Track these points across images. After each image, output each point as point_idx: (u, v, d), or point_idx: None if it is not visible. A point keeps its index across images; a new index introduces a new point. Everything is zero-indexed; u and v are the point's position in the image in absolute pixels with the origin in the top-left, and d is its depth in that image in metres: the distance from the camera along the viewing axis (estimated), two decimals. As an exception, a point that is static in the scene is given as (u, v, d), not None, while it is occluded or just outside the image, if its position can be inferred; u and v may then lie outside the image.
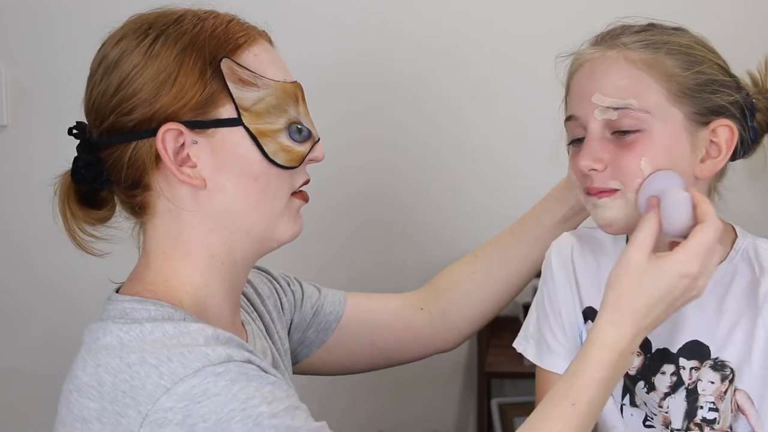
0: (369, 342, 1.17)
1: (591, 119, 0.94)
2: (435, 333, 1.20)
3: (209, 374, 0.77)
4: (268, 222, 0.90)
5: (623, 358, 0.86)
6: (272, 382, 0.80)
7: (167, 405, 0.75)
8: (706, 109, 0.93)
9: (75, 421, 0.80)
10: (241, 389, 0.77)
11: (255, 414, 0.76)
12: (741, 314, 0.97)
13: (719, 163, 0.95)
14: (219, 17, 0.90)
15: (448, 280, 1.21)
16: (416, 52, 1.79)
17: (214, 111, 0.86)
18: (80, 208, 0.91)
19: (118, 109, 0.86)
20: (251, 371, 0.80)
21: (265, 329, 1.04)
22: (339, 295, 1.18)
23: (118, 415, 0.77)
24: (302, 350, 1.15)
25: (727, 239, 1.00)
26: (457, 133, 1.81)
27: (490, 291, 1.19)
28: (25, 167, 1.81)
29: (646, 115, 0.92)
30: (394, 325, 1.18)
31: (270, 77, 0.89)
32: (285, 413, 0.78)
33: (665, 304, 0.86)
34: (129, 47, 0.87)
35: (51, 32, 1.79)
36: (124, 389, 0.77)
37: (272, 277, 1.13)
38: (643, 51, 0.94)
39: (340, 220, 1.84)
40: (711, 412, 0.98)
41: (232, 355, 0.80)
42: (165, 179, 0.87)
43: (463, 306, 1.19)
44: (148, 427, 0.75)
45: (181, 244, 0.89)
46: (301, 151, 0.90)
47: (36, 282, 1.85)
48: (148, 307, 0.85)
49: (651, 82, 0.92)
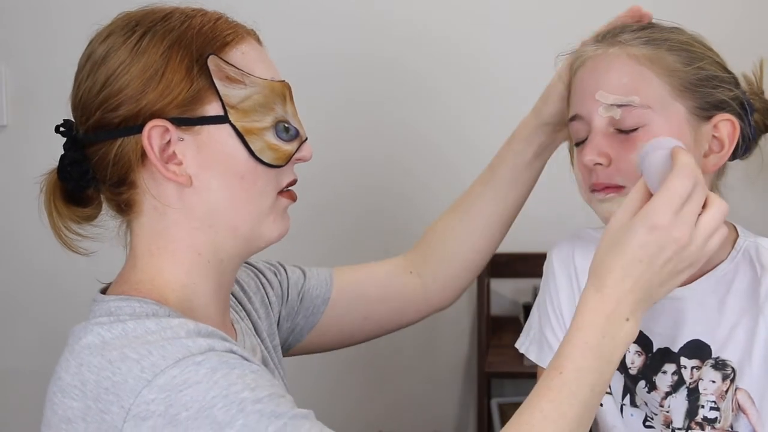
0: (362, 317, 1.17)
1: (595, 116, 0.94)
2: (429, 294, 1.19)
3: (190, 363, 0.76)
4: (254, 221, 0.90)
5: (610, 322, 0.81)
6: (255, 371, 0.79)
7: (149, 397, 0.75)
8: (707, 104, 0.94)
9: (60, 422, 0.79)
10: (223, 376, 0.76)
11: (238, 400, 0.75)
12: (742, 313, 0.97)
13: (722, 158, 0.95)
14: (207, 15, 0.90)
15: (432, 239, 1.20)
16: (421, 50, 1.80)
17: (200, 108, 0.86)
18: (66, 206, 0.91)
19: (104, 105, 0.85)
20: (232, 359, 0.79)
21: (253, 327, 1.03)
22: (325, 275, 1.16)
23: (102, 413, 0.76)
24: (293, 337, 1.15)
25: (729, 239, 1.00)
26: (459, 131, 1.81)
27: (476, 242, 1.17)
28: (24, 167, 1.79)
29: (649, 111, 0.92)
30: (386, 296, 1.17)
31: (257, 75, 0.89)
32: (269, 399, 0.77)
33: (644, 264, 0.80)
34: (116, 44, 0.86)
35: (51, 32, 1.80)
36: (106, 386, 0.77)
37: (258, 270, 1.12)
38: (644, 47, 0.94)
39: (338, 215, 1.84)
40: (712, 411, 0.98)
41: (213, 345, 0.79)
42: (151, 177, 0.87)
43: (453, 262, 1.18)
44: (131, 421, 0.75)
45: (166, 242, 0.88)
46: (288, 150, 0.90)
47: (36, 282, 1.85)
48: (133, 305, 0.84)
49: (653, 77, 0.93)
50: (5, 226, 1.85)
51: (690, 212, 0.80)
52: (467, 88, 1.82)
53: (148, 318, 0.82)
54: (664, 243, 0.79)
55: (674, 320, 0.99)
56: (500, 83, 1.81)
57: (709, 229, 0.80)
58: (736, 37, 1.45)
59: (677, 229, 0.79)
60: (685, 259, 0.80)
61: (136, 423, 0.74)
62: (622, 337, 0.81)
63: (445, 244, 1.18)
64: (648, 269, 0.80)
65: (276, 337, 1.08)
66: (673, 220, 0.79)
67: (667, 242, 0.79)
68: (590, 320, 0.81)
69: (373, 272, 1.19)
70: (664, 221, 0.79)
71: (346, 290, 1.16)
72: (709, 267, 0.98)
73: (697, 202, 0.80)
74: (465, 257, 1.18)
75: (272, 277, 1.12)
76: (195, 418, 0.74)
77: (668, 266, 0.80)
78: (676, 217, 0.79)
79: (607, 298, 0.81)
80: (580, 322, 0.81)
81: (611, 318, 0.81)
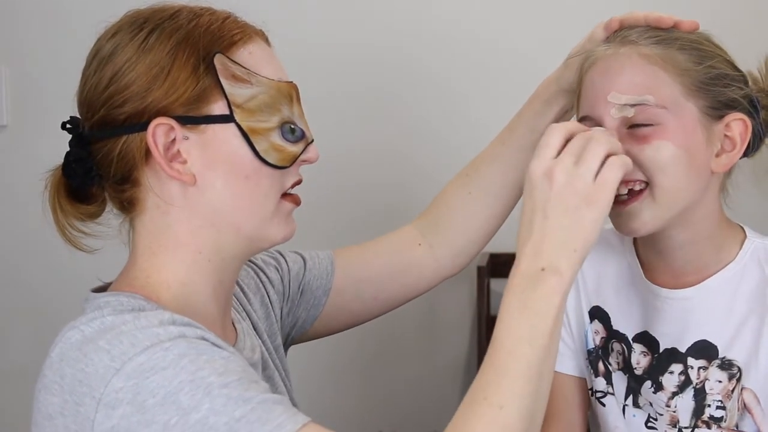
0: (371, 297, 1.15)
1: (607, 117, 0.93)
2: (440, 263, 1.16)
3: (158, 350, 0.75)
4: (257, 221, 0.89)
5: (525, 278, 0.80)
6: (225, 357, 0.78)
7: (118, 385, 0.74)
8: (719, 103, 0.93)
9: (43, 419, 0.79)
10: (191, 362, 0.75)
11: (204, 384, 0.74)
12: (749, 314, 0.97)
13: (734, 157, 0.95)
14: (215, 14, 0.89)
15: (444, 206, 1.17)
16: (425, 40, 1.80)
17: (206, 107, 0.85)
18: (70, 203, 0.90)
19: (110, 102, 0.85)
20: (202, 345, 0.78)
21: (253, 328, 1.03)
22: (326, 264, 1.14)
23: (77, 405, 0.76)
24: (297, 329, 1.14)
25: (736, 240, 1.00)
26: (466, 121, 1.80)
27: (491, 207, 1.14)
28: (25, 167, 1.79)
29: (663, 111, 0.91)
30: (395, 274, 1.14)
31: (264, 75, 0.88)
32: (238, 383, 0.75)
33: (530, 213, 0.81)
34: (123, 41, 0.86)
35: (52, 32, 1.79)
36: (80, 378, 0.76)
37: (258, 268, 1.10)
38: (655, 47, 0.93)
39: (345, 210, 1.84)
40: (718, 410, 0.98)
41: (184, 332, 0.78)
42: (154, 175, 0.86)
43: (467, 229, 1.15)
44: (102, 410, 0.74)
45: (168, 239, 0.88)
46: (294, 151, 0.89)
47: (37, 282, 1.85)
48: (121, 299, 0.84)
49: (665, 76, 0.92)
50: (6, 226, 1.85)
51: (546, 155, 0.83)
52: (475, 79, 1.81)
53: (130, 312, 0.81)
54: (536, 184, 0.82)
55: (682, 321, 0.99)
56: (508, 74, 1.78)
57: (590, 160, 0.81)
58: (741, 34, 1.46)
59: (538, 168, 0.82)
60: (575, 193, 0.80)
61: (106, 412, 0.74)
62: (545, 288, 0.79)
63: (458, 211, 1.15)
64: (537, 215, 0.81)
65: (277, 337, 1.07)
66: (536, 164, 0.82)
67: (540, 184, 0.81)
68: (512, 283, 0.80)
69: (380, 251, 1.16)
70: (531, 168, 0.83)
71: (351, 275, 1.14)
72: (717, 268, 0.99)
73: (553, 145, 0.83)
74: (479, 224, 1.15)
75: (273, 273, 1.10)
76: (161, 404, 0.73)
77: (556, 205, 0.81)
78: (540, 161, 0.82)
79: (524, 256, 0.81)
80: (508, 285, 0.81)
81: (527, 274, 0.80)
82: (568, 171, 0.81)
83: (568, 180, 0.81)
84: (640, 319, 1.04)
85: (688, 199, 0.93)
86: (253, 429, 0.72)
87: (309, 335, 1.15)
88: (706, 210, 0.97)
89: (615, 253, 1.08)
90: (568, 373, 1.11)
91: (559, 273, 0.79)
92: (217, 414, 0.73)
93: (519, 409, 0.75)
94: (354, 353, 1.88)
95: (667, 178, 0.91)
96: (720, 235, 0.99)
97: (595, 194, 0.81)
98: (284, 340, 1.11)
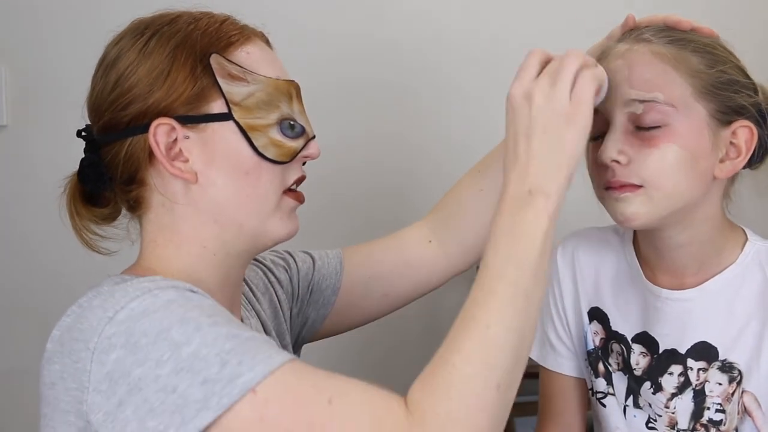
0: (381, 295, 1.15)
1: (616, 111, 0.93)
2: (450, 261, 1.16)
3: (148, 297, 0.77)
4: (259, 217, 0.91)
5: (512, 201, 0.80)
6: (213, 305, 0.80)
7: (110, 332, 0.76)
8: (728, 108, 0.93)
9: (47, 390, 0.81)
10: (180, 306, 0.77)
11: (195, 322, 0.76)
12: (751, 317, 0.97)
13: (738, 165, 0.94)
14: (214, 17, 0.92)
15: (455, 203, 1.17)
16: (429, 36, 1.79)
17: (205, 106, 0.88)
18: (84, 207, 0.94)
19: (114, 105, 0.88)
20: (191, 294, 0.81)
21: (263, 327, 1.04)
22: (335, 263, 1.15)
23: (75, 363, 0.77)
24: (307, 329, 1.15)
25: (738, 242, 1.00)
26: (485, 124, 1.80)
27: None
28: (25, 167, 1.80)
29: (671, 109, 0.91)
30: (405, 272, 1.15)
31: (262, 74, 0.90)
32: (226, 323, 0.77)
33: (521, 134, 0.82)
34: (126, 46, 0.90)
35: (51, 32, 1.79)
36: (75, 336, 0.78)
37: (267, 268, 1.11)
38: (669, 46, 0.93)
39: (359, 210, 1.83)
40: (717, 413, 0.98)
41: (175, 284, 0.81)
42: (158, 174, 0.89)
43: (478, 226, 1.14)
44: (97, 358, 0.76)
45: (173, 235, 0.90)
46: (293, 146, 0.91)
47: (38, 281, 1.85)
48: (124, 278, 0.85)
49: (676, 76, 0.92)
50: (6, 226, 1.85)
51: (525, 77, 0.83)
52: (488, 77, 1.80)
53: (127, 282, 0.83)
54: (516, 107, 0.83)
55: (681, 321, 0.99)
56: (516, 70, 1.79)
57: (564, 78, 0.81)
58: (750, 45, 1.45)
59: (518, 90, 0.83)
60: (554, 114, 0.81)
61: (101, 359, 0.75)
62: (532, 210, 0.80)
63: (470, 208, 1.15)
64: (520, 139, 0.82)
65: (286, 337, 1.08)
66: (516, 87, 0.83)
67: (520, 106, 0.82)
68: (497, 210, 0.81)
69: (389, 248, 1.16)
70: (511, 90, 0.83)
71: (361, 273, 1.14)
72: (718, 269, 0.99)
73: (532, 66, 0.83)
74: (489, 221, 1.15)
75: (282, 274, 1.12)
76: (154, 342, 0.74)
77: (537, 127, 0.81)
78: (520, 82, 0.83)
79: (510, 182, 0.82)
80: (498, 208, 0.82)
81: (513, 197, 0.81)
82: (545, 92, 0.82)
83: (545, 101, 0.81)
84: (640, 319, 1.04)
85: (686, 201, 0.93)
86: (243, 360, 0.74)
87: (320, 334, 1.16)
88: (707, 213, 0.97)
89: (615, 252, 1.08)
90: (567, 374, 1.11)
91: (545, 194, 0.80)
92: (208, 346, 0.74)
93: (506, 329, 0.76)
94: (355, 354, 1.88)
95: (668, 181, 0.91)
96: (721, 237, 0.99)
97: (572, 112, 0.81)
98: (295, 339, 1.13)
